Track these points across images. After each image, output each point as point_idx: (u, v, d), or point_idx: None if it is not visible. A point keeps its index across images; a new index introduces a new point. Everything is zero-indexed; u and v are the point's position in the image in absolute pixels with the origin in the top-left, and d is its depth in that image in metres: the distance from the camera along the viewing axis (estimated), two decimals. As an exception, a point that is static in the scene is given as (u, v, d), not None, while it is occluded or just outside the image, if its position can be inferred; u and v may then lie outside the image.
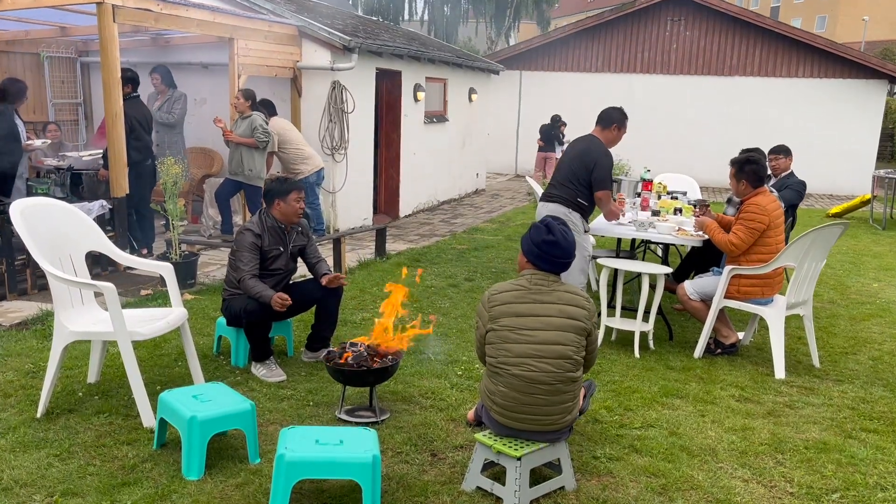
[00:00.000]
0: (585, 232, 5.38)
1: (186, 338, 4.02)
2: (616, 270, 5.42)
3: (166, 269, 4.03)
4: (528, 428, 3.08)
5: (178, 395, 3.32)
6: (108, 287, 3.47)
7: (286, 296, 4.22)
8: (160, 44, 9.54)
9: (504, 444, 3.06)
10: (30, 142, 7.07)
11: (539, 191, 7.71)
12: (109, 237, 6.95)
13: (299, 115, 9.39)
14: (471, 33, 37.63)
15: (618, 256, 6.05)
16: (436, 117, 12.74)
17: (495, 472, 3.26)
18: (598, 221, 5.95)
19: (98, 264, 6.54)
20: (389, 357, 3.91)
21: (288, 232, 4.58)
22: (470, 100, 14.26)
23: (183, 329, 3.97)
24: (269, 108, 8.29)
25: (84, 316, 3.81)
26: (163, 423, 3.36)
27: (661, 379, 4.65)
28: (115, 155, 6.65)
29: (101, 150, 7.32)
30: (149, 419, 3.56)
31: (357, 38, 9.23)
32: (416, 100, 11.70)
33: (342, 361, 3.84)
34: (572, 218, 5.21)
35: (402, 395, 4.19)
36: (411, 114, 11.63)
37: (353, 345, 3.97)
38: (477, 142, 14.94)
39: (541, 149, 15.15)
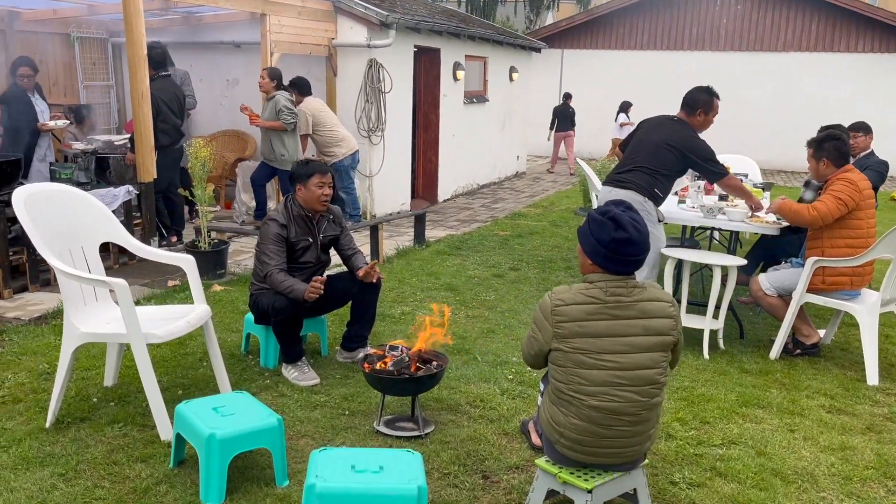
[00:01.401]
0: (660, 221, 4.85)
1: (210, 339, 3.63)
2: (680, 261, 4.90)
3: (187, 262, 3.64)
4: (603, 462, 2.61)
5: (197, 408, 2.93)
6: (119, 284, 3.08)
7: (322, 279, 3.80)
8: (192, 22, 9.18)
9: (571, 474, 2.60)
10: (45, 122, 6.75)
11: (592, 175, 7.17)
12: (136, 224, 6.73)
13: (335, 96, 8.98)
14: (509, 13, 36.84)
15: (682, 245, 5.51)
16: (476, 97, 12.23)
17: (559, 502, 2.81)
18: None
19: (125, 252, 6.23)
20: (434, 363, 3.47)
21: (317, 221, 4.15)
22: (511, 79, 13.71)
23: (206, 329, 3.58)
24: (302, 88, 7.87)
25: (97, 314, 3.44)
26: (180, 439, 2.98)
27: (736, 385, 4.14)
28: (142, 138, 6.31)
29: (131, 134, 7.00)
30: (166, 432, 3.18)
31: (395, 13, 8.75)
32: (455, 79, 11.20)
33: (381, 367, 3.42)
34: (647, 207, 4.67)
35: (448, 402, 3.75)
36: (450, 94, 11.14)
37: (392, 348, 3.54)
38: (517, 123, 14.40)
39: (557, 129, 15.27)
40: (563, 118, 15.21)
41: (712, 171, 4.76)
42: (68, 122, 7.53)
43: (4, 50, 8.50)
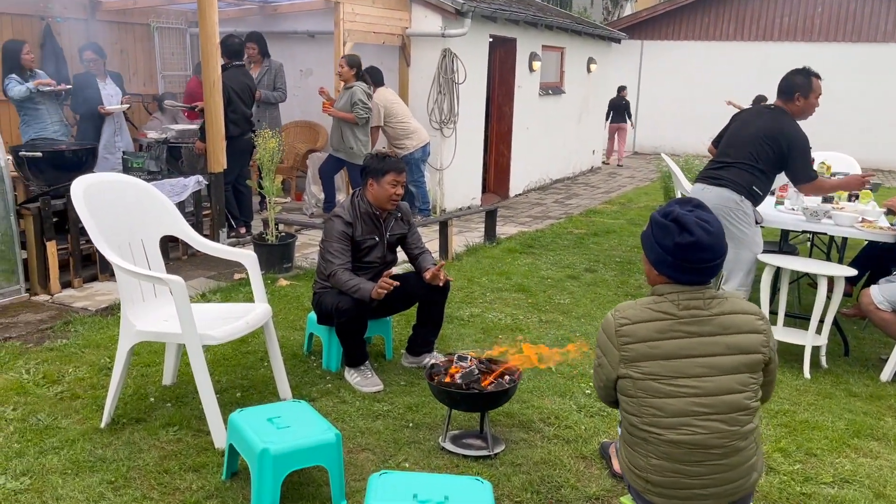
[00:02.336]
0: (757, 223, 4.42)
1: (271, 340, 3.45)
2: (779, 269, 4.45)
3: (249, 259, 3.47)
4: (703, 505, 2.26)
5: (251, 418, 2.73)
6: (175, 281, 2.92)
7: (392, 277, 3.59)
8: (267, 12, 9.13)
9: (664, 516, 2.27)
10: (105, 106, 6.74)
11: (678, 171, 6.72)
12: (205, 214, 6.68)
13: (407, 86, 8.76)
14: (586, 3, 36.02)
15: (780, 251, 5.04)
16: (551, 89, 11.83)
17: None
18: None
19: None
20: (506, 378, 3.19)
21: (384, 219, 3.92)
22: (588, 70, 13.24)
23: (266, 330, 3.40)
24: (375, 77, 7.68)
25: (155, 311, 3.30)
26: (233, 449, 2.79)
27: (845, 410, 3.70)
28: (213, 127, 6.23)
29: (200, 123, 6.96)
30: (220, 439, 3.01)
31: (470, 1, 8.46)
32: (531, 70, 10.84)
33: (448, 380, 3.16)
34: (744, 207, 4.25)
35: (519, 418, 3.46)
36: (526, 85, 10.79)
37: (461, 358, 3.28)
38: (594, 116, 13.92)
39: (612, 120, 15.18)
40: (618, 110, 15.13)
41: (801, 170, 4.27)
42: (128, 106, 7.48)
43: (87, 40, 8.63)
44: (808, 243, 6.44)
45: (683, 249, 2.17)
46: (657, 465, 2.19)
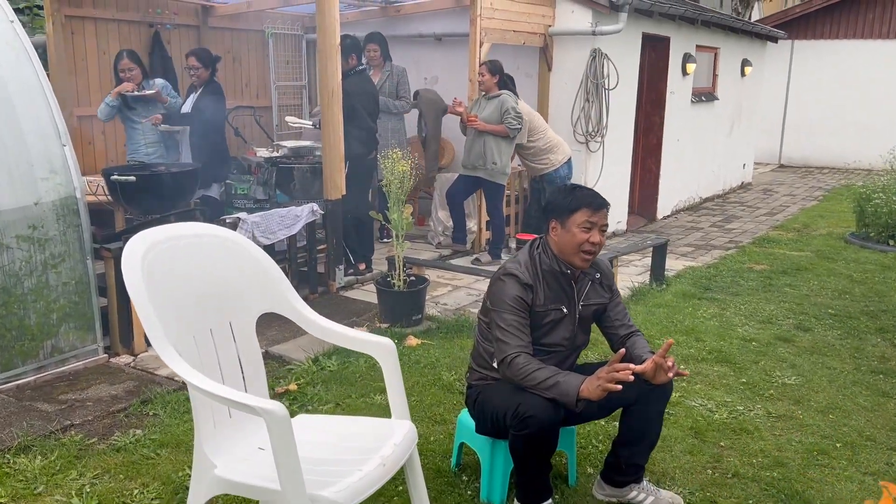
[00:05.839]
0: None
1: (414, 478, 2.29)
2: None
3: (382, 351, 2.32)
4: None
5: None
6: (273, 413, 1.80)
7: (627, 366, 2.36)
8: (389, 14, 8.14)
9: None
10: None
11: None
12: (320, 249, 5.69)
13: (548, 94, 7.54)
14: (714, 3, 33.68)
15: None
16: (704, 95, 10.30)
17: None
18: None
19: (305, 282, 5.17)
20: None
21: (576, 280, 2.69)
22: (742, 73, 11.59)
23: (409, 467, 2.24)
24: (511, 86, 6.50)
25: (245, 438, 2.20)
26: None
27: None
28: (330, 145, 5.22)
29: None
30: None
31: (626, -8, 7.13)
32: (684, 73, 9.38)
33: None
34: None
35: None
36: (678, 90, 9.33)
37: None
38: (747, 125, 12.21)
39: None
40: None
41: None
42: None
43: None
44: None
45: None
46: None
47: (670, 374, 2.45)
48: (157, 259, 2.04)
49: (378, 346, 2.33)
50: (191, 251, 2.19)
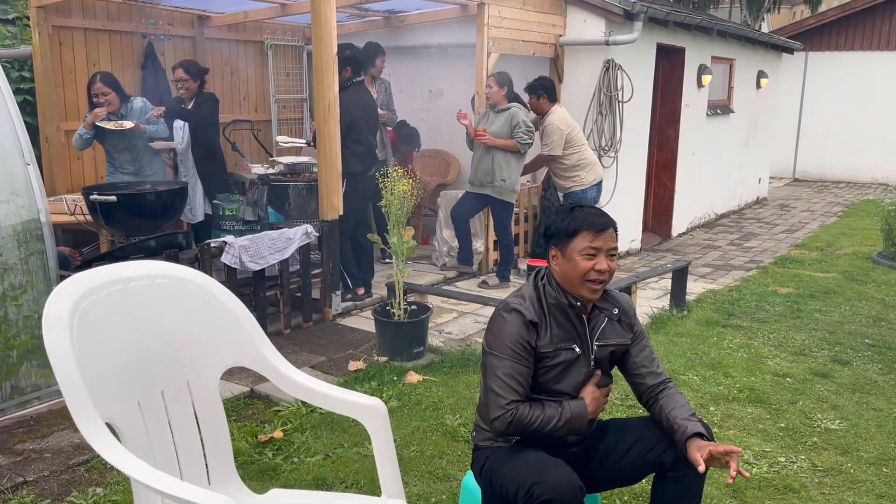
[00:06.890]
0: None
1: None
2: None
3: (370, 414, 1.94)
4: None
5: None
6: (227, 511, 1.42)
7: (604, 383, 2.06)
8: (393, 24, 7.82)
9: None
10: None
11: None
12: (315, 273, 5.33)
13: (559, 107, 7.17)
14: (723, 15, 33.40)
15: None
16: (720, 108, 9.94)
17: None
18: None
19: (298, 309, 4.80)
20: None
21: (588, 316, 2.31)
22: (758, 85, 11.23)
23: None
24: (550, 93, 6.06)
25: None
26: None
27: None
28: (326, 161, 4.86)
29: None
30: None
31: (641, 1, 6.78)
32: (700, 85, 9.03)
33: None
34: None
35: None
36: (693, 103, 8.98)
37: None
38: (762, 139, 11.84)
39: None
40: None
41: None
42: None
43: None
44: None
45: None
46: None
47: (729, 481, 2.09)
48: (95, 308, 1.67)
49: (366, 410, 1.94)
50: (140, 297, 1.81)
